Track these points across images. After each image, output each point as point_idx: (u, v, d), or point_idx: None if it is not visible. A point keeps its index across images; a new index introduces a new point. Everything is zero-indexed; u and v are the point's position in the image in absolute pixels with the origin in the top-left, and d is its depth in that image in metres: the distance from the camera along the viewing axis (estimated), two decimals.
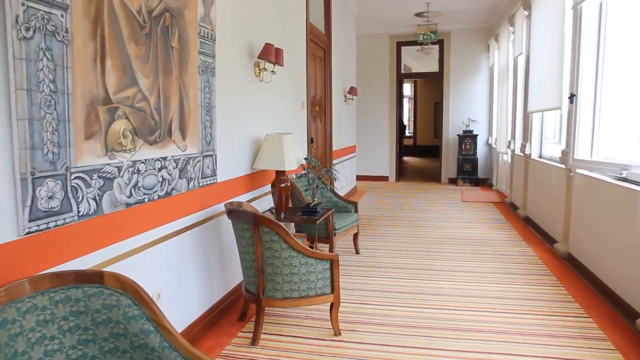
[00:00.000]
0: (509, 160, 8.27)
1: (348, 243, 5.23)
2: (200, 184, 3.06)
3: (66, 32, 1.86)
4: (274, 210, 4.14)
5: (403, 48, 11.13)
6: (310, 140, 6.03)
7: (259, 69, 4.03)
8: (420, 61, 14.61)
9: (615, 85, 4.20)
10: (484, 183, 10.59)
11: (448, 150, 10.90)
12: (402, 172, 13.01)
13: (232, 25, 3.55)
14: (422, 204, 8.18)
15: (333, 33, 7.20)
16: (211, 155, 3.19)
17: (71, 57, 1.89)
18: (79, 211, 1.97)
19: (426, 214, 7.22)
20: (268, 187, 4.23)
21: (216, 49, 3.20)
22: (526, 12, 6.78)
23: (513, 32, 7.87)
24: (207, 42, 3.07)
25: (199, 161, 3.02)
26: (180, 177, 2.80)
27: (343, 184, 8.33)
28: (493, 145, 10.15)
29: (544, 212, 5.84)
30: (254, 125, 4.04)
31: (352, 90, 8.32)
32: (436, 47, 10.54)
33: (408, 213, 7.33)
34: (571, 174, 4.76)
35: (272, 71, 4.13)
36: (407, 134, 18.38)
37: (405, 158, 16.72)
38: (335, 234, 4.51)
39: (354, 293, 3.89)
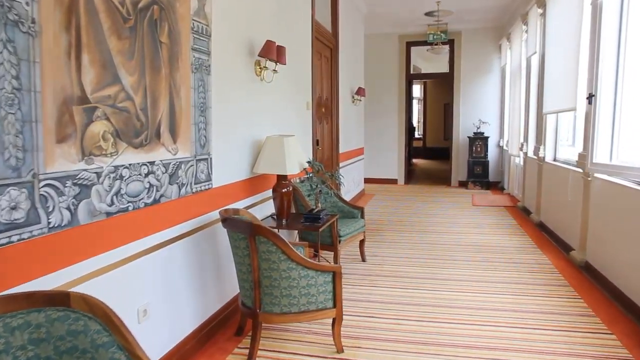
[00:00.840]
0: (521, 163, 8.00)
1: (354, 250, 5.01)
2: (194, 190, 2.86)
3: (33, 22, 1.66)
4: (275, 217, 3.94)
5: (412, 48, 10.89)
6: (316, 143, 5.82)
7: (260, 68, 3.83)
8: (430, 62, 14.35)
9: (637, 85, 3.95)
10: (495, 186, 10.31)
11: (458, 153, 10.63)
12: (411, 175, 12.76)
13: (230, 20, 3.35)
14: (431, 208, 7.94)
15: (340, 32, 6.99)
16: (206, 159, 2.99)
17: (39, 50, 1.69)
18: (49, 222, 1.78)
19: (436, 219, 6.97)
20: (269, 192, 4.03)
21: (212, 46, 3.00)
22: (540, 10, 6.52)
23: (526, 31, 7.60)
24: (201, 38, 2.87)
25: (192, 165, 2.82)
26: (170, 183, 2.60)
27: (350, 188, 8.11)
28: (504, 148, 9.88)
29: (559, 217, 5.58)
30: (254, 126, 3.84)
31: (359, 91, 8.10)
32: (446, 47, 10.30)
33: (417, 218, 7.09)
34: (589, 179, 4.50)
35: (274, 70, 3.93)
36: (416, 135, 18.12)
37: (414, 160, 16.46)
38: (340, 242, 4.30)
39: (358, 305, 3.67)
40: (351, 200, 8.06)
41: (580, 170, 4.76)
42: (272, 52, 3.71)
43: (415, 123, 18.06)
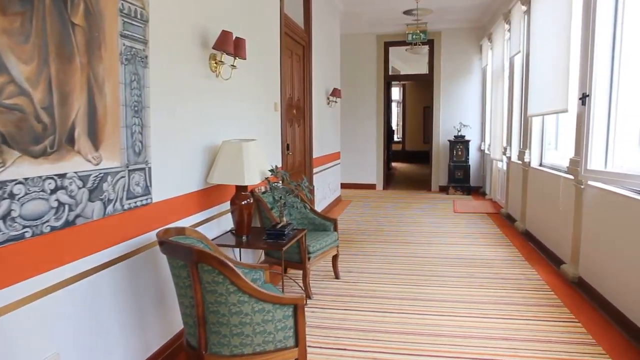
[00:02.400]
0: (504, 168, 7.65)
1: (327, 266, 4.54)
2: (126, 207, 2.36)
3: None
4: (234, 232, 3.46)
5: (391, 49, 10.50)
6: (286, 147, 5.34)
7: (216, 63, 3.35)
8: (409, 63, 14.02)
9: (635, 83, 3.59)
10: (477, 191, 9.97)
11: (439, 157, 10.27)
12: (391, 180, 12.37)
13: (175, 4, 2.86)
14: (411, 215, 7.52)
15: (314, 29, 6.53)
16: (142, 169, 2.49)
17: None
18: None
19: (416, 228, 6.55)
20: (228, 205, 3.54)
21: (149, 33, 2.51)
22: (524, 7, 6.17)
23: (509, 30, 7.27)
24: (134, 22, 2.38)
25: (122, 177, 2.32)
26: (91, 200, 2.10)
27: (326, 194, 7.65)
28: (486, 152, 9.55)
29: (547, 227, 5.20)
30: (209, 130, 3.35)
31: (335, 92, 7.65)
32: (426, 47, 9.95)
33: (396, 226, 6.66)
34: (581, 186, 4.13)
35: (232, 65, 3.45)
36: (395, 139, 17.78)
37: (393, 164, 16.11)
38: (309, 259, 3.83)
39: (329, 334, 3.20)
40: (327, 207, 7.61)
41: (571, 177, 4.38)
42: (229, 45, 3.22)
43: (394, 126, 17.72)
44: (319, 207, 7.06)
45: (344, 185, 9.97)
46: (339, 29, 8.72)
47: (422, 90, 15.56)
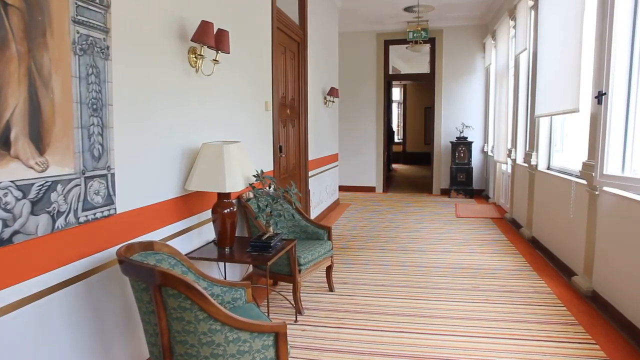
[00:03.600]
0: (509, 171, 7.33)
1: (320, 276, 4.23)
2: (82, 219, 2.05)
3: None
4: (217, 243, 3.15)
5: (391, 47, 10.18)
6: (279, 149, 5.03)
7: (196, 57, 3.04)
8: (410, 63, 13.71)
9: None
10: (479, 195, 9.65)
11: (440, 159, 9.94)
12: (391, 182, 12.05)
13: None
14: (412, 220, 7.19)
15: (309, 25, 6.22)
16: (104, 176, 2.18)
17: None
18: None
19: (417, 234, 6.23)
20: (210, 213, 3.22)
21: (111, 20, 2.20)
22: (531, 2, 5.86)
23: (514, 27, 6.95)
24: (90, 7, 2.06)
25: (77, 185, 2.01)
26: (34, 213, 1.79)
27: (323, 198, 7.33)
28: (489, 154, 9.22)
29: (556, 235, 4.88)
30: (189, 130, 3.04)
31: (332, 92, 7.32)
32: (426, 46, 9.63)
33: (396, 232, 6.34)
34: (596, 192, 3.81)
35: (215, 60, 3.13)
36: (396, 140, 17.46)
37: (394, 165, 15.79)
38: (300, 271, 3.51)
39: (320, 357, 2.88)
40: (324, 212, 7.29)
41: (583, 181, 4.07)
42: (209, 37, 2.91)
43: (395, 127, 17.40)
44: (315, 211, 6.75)
45: (342, 188, 9.67)
46: (337, 27, 8.41)
47: (424, 91, 15.25)
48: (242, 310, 2.46)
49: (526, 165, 6.08)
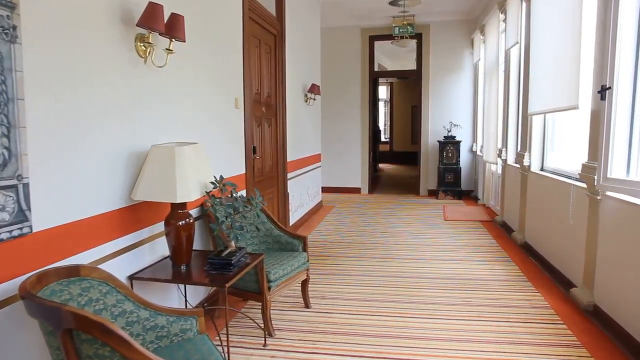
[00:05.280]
0: (499, 172, 6.99)
1: (296, 290, 3.83)
2: None
3: None
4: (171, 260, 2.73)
5: (377, 43, 9.80)
6: (252, 150, 4.62)
7: (144, 45, 2.62)
8: (397, 60, 13.36)
9: None
10: (468, 196, 9.31)
11: (428, 159, 9.58)
12: (377, 182, 11.68)
13: None
14: (398, 223, 6.82)
15: (287, 17, 5.81)
16: (12, 187, 1.76)
17: None
18: None
19: (403, 239, 5.85)
20: (161, 226, 2.80)
21: None
22: None
23: (504, 20, 6.60)
24: None
25: None
26: None
27: (304, 201, 6.93)
28: (478, 153, 8.89)
29: (552, 242, 4.53)
30: (137, 130, 2.62)
31: (313, 88, 6.92)
32: (413, 41, 9.27)
33: (381, 237, 5.96)
34: (598, 197, 3.46)
35: (168, 49, 2.72)
36: (382, 139, 17.10)
37: (380, 165, 15.44)
38: (270, 288, 3.11)
39: None
40: (305, 215, 6.89)
41: (583, 185, 3.72)
42: (158, 22, 2.49)
43: (381, 126, 17.05)
44: (295, 216, 6.34)
45: (326, 190, 9.28)
46: (318, 20, 8.00)
47: (411, 89, 14.92)
48: (191, 345, 2.05)
49: (518, 166, 5.74)
